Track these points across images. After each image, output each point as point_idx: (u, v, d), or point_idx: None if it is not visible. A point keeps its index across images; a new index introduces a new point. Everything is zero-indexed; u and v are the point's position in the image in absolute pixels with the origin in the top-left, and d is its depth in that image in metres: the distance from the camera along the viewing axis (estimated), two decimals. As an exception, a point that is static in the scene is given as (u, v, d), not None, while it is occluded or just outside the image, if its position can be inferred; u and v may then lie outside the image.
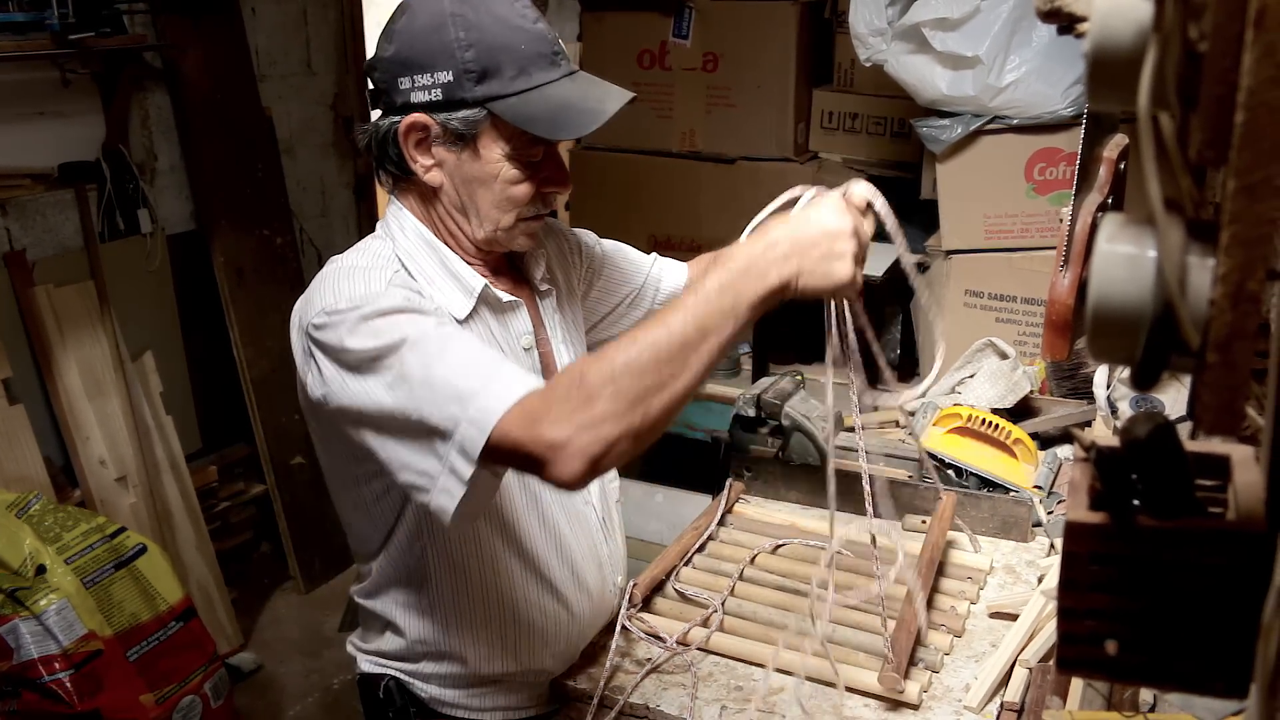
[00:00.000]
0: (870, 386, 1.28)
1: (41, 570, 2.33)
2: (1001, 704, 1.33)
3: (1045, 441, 2.02)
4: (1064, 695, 1.25)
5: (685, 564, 1.64)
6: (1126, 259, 0.55)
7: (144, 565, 2.54)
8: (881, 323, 2.64)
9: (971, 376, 2.18)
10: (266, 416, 3.46)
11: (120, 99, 3.08)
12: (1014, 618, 1.49)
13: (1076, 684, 1.26)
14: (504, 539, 1.33)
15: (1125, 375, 1.95)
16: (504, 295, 1.33)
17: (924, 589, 1.47)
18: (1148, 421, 0.58)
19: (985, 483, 1.83)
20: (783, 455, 1.84)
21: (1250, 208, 0.48)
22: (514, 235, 1.29)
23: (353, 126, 3.74)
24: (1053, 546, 1.68)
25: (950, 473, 1.85)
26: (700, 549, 1.68)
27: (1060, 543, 0.61)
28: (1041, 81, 2.37)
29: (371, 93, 1.28)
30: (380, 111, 1.27)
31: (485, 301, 1.31)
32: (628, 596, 1.49)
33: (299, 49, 3.72)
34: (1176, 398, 1.91)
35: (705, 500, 1.98)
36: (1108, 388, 2.01)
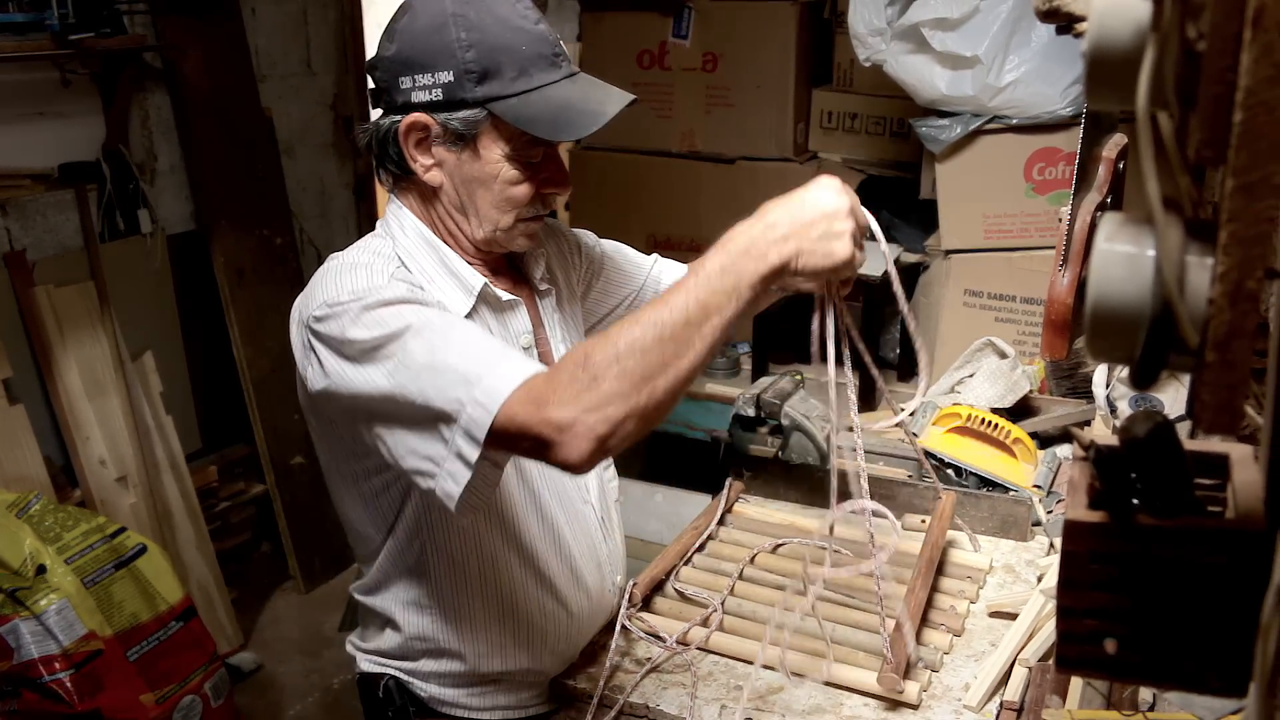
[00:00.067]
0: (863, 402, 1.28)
1: (42, 570, 2.33)
2: (1001, 703, 1.33)
3: (1044, 441, 2.02)
4: (1063, 694, 1.25)
5: (685, 563, 1.64)
6: (1125, 258, 0.55)
7: (144, 565, 2.54)
8: (881, 322, 2.64)
9: (971, 376, 2.18)
10: (266, 416, 3.46)
11: (120, 99, 3.08)
12: (1013, 617, 1.49)
13: (1076, 683, 1.26)
14: (503, 536, 1.33)
15: (1124, 374, 1.95)
16: (503, 294, 1.33)
17: (925, 587, 1.47)
18: (1147, 420, 0.59)
19: (985, 482, 1.83)
20: (782, 455, 1.84)
21: (1248, 206, 0.48)
22: (513, 236, 1.30)
23: (352, 127, 3.76)
24: (1052, 545, 1.68)
25: (950, 472, 1.85)
26: (700, 549, 1.68)
27: (1059, 542, 0.61)
28: (1040, 81, 2.37)
29: (372, 92, 1.28)
30: (381, 110, 1.28)
31: (485, 300, 1.31)
32: (627, 596, 1.49)
33: (299, 49, 3.72)
34: (1175, 397, 1.91)
35: (705, 500, 1.98)
36: (1107, 387, 2.01)
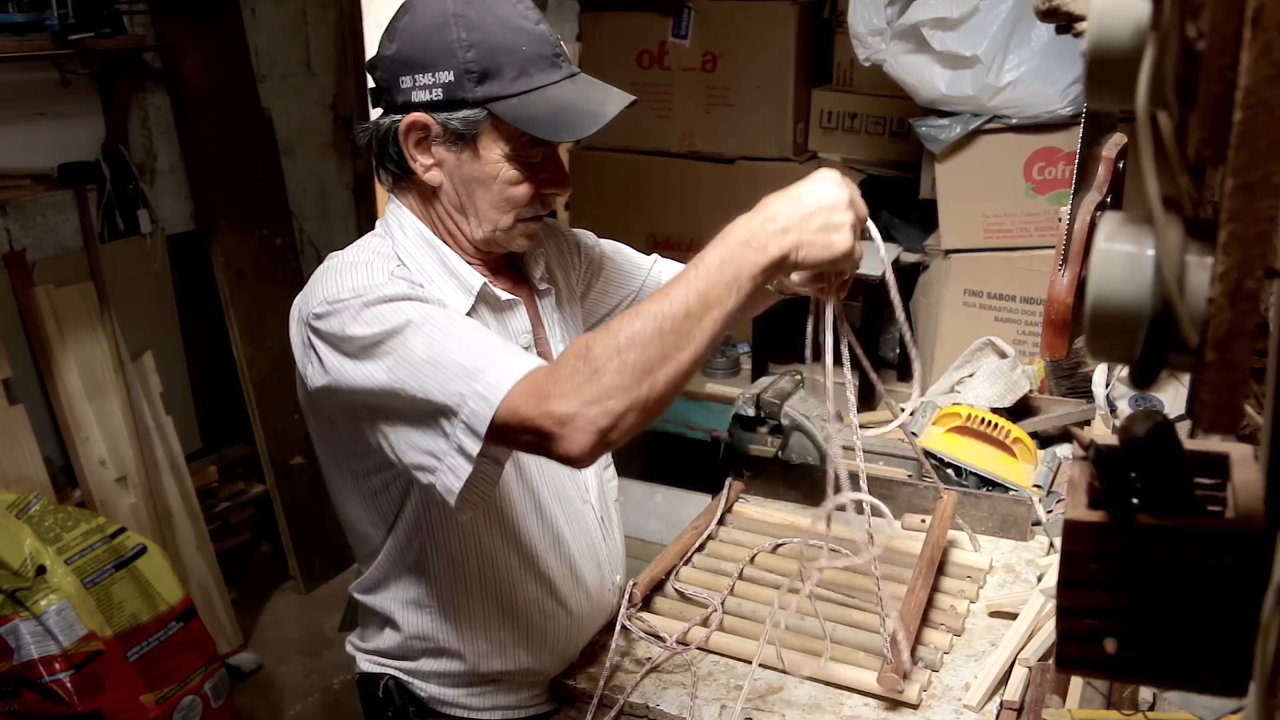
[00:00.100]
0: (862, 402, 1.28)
1: (41, 571, 2.33)
2: (1001, 703, 1.33)
3: (1044, 440, 2.02)
4: (1063, 694, 1.25)
5: (685, 563, 1.64)
6: (1125, 257, 0.55)
7: (144, 565, 2.54)
8: (880, 323, 2.64)
9: (971, 376, 2.18)
10: (266, 416, 3.46)
11: (120, 99, 3.07)
12: (1013, 616, 1.49)
13: (1076, 682, 1.26)
14: (502, 535, 1.33)
15: (1124, 374, 1.95)
16: (502, 294, 1.33)
17: (925, 586, 1.47)
18: (1146, 420, 0.59)
19: (985, 481, 1.83)
20: (782, 455, 1.84)
21: (1248, 206, 0.48)
22: (512, 236, 1.30)
23: (352, 127, 3.75)
24: (1052, 545, 1.68)
25: (950, 472, 1.85)
26: (700, 548, 1.68)
27: (1059, 541, 0.61)
28: (1040, 81, 2.37)
29: (373, 91, 1.28)
30: (381, 110, 1.28)
31: (484, 300, 1.31)
32: (627, 596, 1.49)
33: (298, 49, 3.72)
34: (1175, 396, 1.91)
35: (705, 500, 1.98)
36: (1107, 386, 2.01)
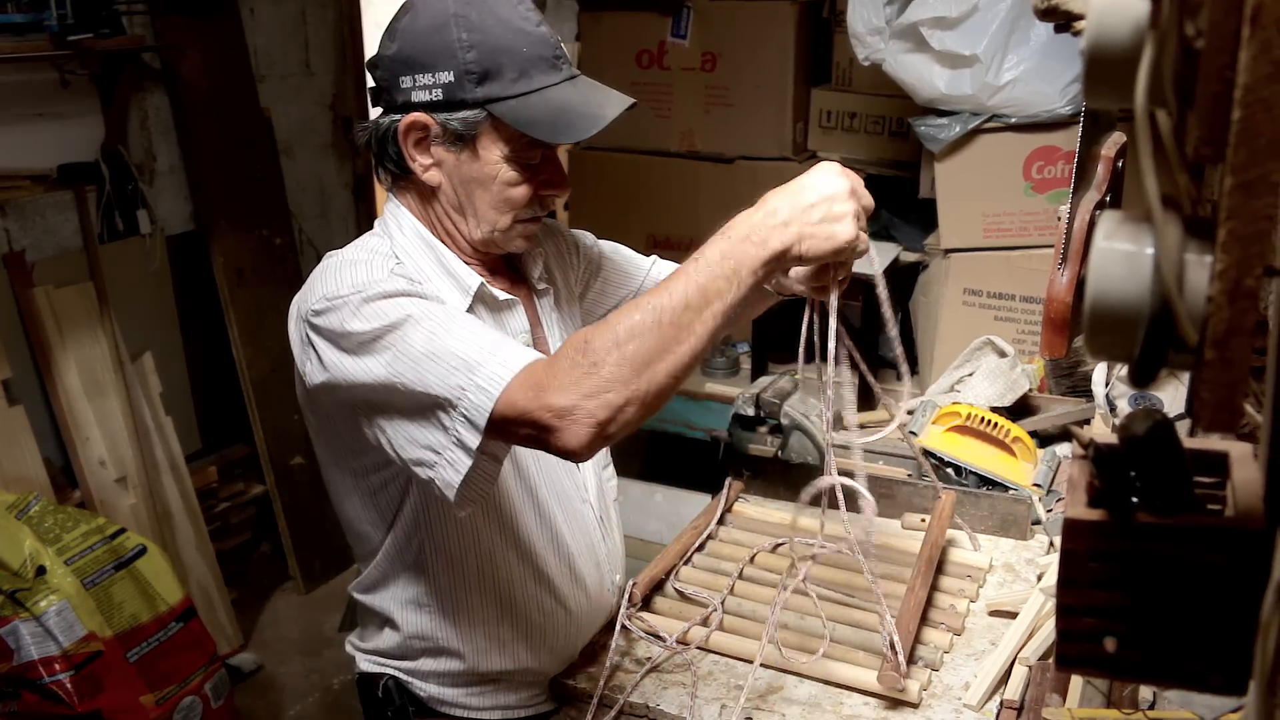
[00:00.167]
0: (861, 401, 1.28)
1: (41, 571, 2.33)
2: (1001, 702, 1.33)
3: (1044, 439, 2.02)
4: (1063, 693, 1.25)
5: (685, 563, 1.64)
6: (1124, 256, 0.55)
7: (144, 566, 2.54)
8: (881, 322, 2.64)
9: (970, 375, 2.18)
10: (266, 417, 3.46)
11: (119, 100, 3.07)
12: (1013, 615, 1.49)
13: (1076, 681, 1.26)
14: (501, 534, 1.33)
15: (1124, 373, 1.95)
16: (501, 294, 1.33)
17: (925, 586, 1.47)
18: (1146, 419, 0.59)
19: (984, 481, 1.83)
20: (782, 454, 1.84)
21: (1247, 204, 0.48)
22: (511, 237, 1.30)
23: (351, 127, 3.75)
24: (1052, 544, 1.68)
25: (949, 471, 1.85)
26: (700, 548, 1.68)
27: (1059, 540, 0.61)
28: (1039, 80, 2.37)
29: (373, 90, 1.28)
30: (381, 109, 1.28)
31: (482, 300, 1.31)
32: (627, 595, 1.49)
33: (298, 50, 3.72)
34: (1175, 395, 1.91)
35: (704, 499, 1.98)
36: (1106, 385, 2.01)
